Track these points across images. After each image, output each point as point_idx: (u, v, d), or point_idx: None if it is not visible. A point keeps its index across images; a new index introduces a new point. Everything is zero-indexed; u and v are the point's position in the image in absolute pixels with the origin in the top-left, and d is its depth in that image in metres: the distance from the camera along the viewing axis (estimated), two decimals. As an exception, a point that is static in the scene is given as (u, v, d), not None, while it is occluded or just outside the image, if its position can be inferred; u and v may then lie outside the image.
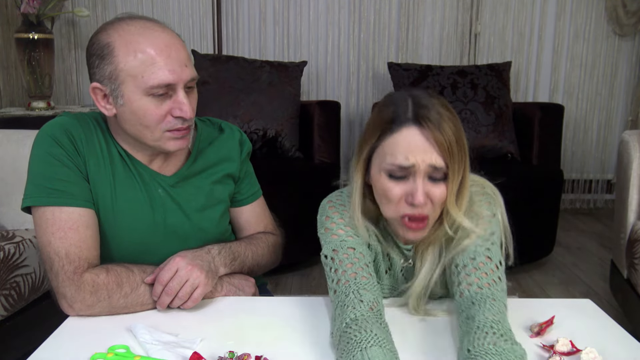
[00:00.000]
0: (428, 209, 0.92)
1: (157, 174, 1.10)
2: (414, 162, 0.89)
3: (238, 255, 1.13)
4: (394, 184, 0.92)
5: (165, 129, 1.02)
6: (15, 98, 3.19)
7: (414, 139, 0.89)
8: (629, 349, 0.89)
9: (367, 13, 3.44)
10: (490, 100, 2.92)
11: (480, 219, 0.98)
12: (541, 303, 1.05)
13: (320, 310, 1.03)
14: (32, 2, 2.66)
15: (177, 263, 0.99)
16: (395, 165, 0.90)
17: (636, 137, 2.03)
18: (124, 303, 0.99)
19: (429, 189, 0.91)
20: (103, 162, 1.06)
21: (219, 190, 1.17)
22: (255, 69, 2.90)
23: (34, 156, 1.03)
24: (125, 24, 1.00)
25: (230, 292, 1.09)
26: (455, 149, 0.90)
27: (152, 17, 1.04)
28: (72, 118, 1.06)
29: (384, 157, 0.92)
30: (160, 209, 1.10)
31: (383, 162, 0.92)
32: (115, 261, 1.05)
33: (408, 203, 0.91)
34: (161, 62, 0.98)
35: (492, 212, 1.01)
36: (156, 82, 0.98)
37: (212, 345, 0.88)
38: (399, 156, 0.90)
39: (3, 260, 1.57)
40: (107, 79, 0.99)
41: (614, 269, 2.18)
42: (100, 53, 0.99)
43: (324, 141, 2.81)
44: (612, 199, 3.70)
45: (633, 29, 3.50)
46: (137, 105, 1.00)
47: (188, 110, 1.02)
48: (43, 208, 1.00)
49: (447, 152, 0.89)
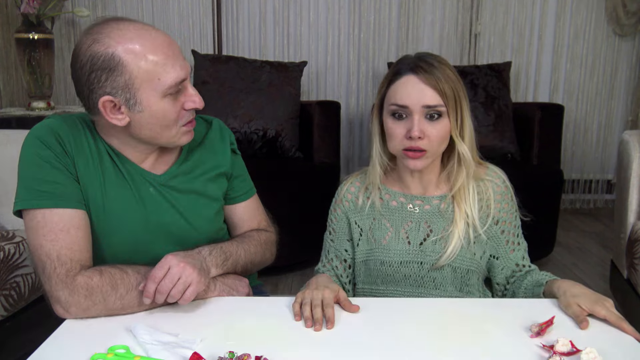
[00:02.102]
0: (424, 144, 1.09)
1: (148, 173, 1.10)
2: (409, 103, 1.08)
3: (230, 255, 1.13)
4: (396, 124, 1.11)
5: (181, 124, 1.05)
6: (15, 98, 3.19)
7: (411, 83, 1.09)
8: (629, 349, 0.89)
9: (367, 13, 3.44)
10: (490, 100, 2.92)
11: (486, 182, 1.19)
12: (541, 303, 1.05)
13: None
14: (32, 2, 2.66)
15: (168, 261, 0.98)
16: (396, 105, 1.10)
17: (636, 137, 2.03)
18: (120, 305, 0.98)
19: (426, 127, 1.09)
20: (92, 162, 1.05)
21: (213, 189, 1.17)
22: (255, 69, 2.90)
23: (22, 160, 1.03)
24: (118, 29, 0.97)
25: (224, 292, 1.09)
26: (449, 91, 1.08)
27: (124, 17, 1.03)
28: (59, 120, 1.06)
29: (389, 100, 1.12)
30: (153, 208, 1.09)
31: (388, 105, 1.12)
32: (107, 261, 1.05)
33: (407, 138, 1.09)
34: (171, 60, 0.99)
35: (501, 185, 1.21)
36: (173, 80, 0.99)
37: (212, 345, 0.88)
38: (398, 98, 1.10)
39: (3, 260, 1.57)
40: (121, 89, 0.98)
41: (614, 269, 2.18)
42: (106, 66, 0.96)
43: (324, 141, 2.81)
44: (612, 199, 3.70)
45: (633, 29, 3.50)
46: (156, 108, 1.00)
47: (199, 100, 1.05)
48: (34, 211, 0.99)
49: (441, 93, 1.08)
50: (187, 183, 1.13)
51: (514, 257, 1.20)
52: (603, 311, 0.96)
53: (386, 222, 1.20)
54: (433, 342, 0.90)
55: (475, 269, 1.17)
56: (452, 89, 1.09)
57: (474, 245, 1.16)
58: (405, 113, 1.09)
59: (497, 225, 1.18)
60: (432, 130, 1.09)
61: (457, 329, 0.95)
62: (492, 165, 1.23)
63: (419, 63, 1.09)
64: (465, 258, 1.15)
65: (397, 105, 1.09)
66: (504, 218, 1.19)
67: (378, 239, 1.19)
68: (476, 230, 1.16)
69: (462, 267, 1.16)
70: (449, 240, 1.14)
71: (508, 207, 1.19)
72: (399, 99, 1.09)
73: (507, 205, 1.19)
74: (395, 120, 1.11)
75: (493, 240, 1.19)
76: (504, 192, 1.20)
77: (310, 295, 1.01)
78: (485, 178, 1.19)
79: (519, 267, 1.20)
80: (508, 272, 1.20)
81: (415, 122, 1.08)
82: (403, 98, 1.09)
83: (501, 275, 1.20)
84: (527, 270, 1.20)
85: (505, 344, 0.90)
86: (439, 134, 1.10)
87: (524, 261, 1.21)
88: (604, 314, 0.95)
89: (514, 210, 1.21)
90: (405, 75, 1.10)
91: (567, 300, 1.00)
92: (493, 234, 1.18)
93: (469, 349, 0.88)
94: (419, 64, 1.09)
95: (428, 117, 1.09)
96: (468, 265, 1.16)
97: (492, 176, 1.20)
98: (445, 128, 1.10)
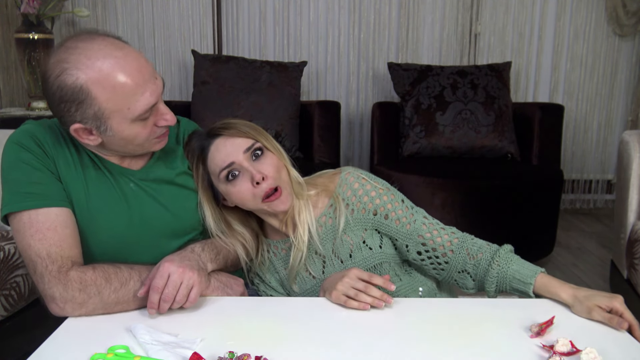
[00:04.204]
0: (270, 181, 1.08)
1: (126, 170, 1.11)
2: (233, 159, 1.07)
3: (220, 250, 1.14)
4: (235, 185, 1.08)
5: (153, 137, 1.06)
6: (15, 98, 3.19)
7: (220, 146, 1.09)
8: (629, 349, 0.89)
9: (367, 13, 3.43)
10: (490, 100, 2.92)
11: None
12: (541, 303, 1.05)
13: (320, 310, 1.03)
14: (32, 2, 2.66)
15: (167, 268, 0.98)
16: (221, 169, 1.08)
17: (636, 137, 2.04)
18: (115, 298, 0.98)
19: (258, 166, 1.08)
20: (72, 162, 1.06)
21: (189, 181, 1.18)
22: (255, 69, 2.90)
23: (4, 166, 1.03)
24: (86, 57, 0.94)
25: (218, 289, 1.09)
26: (251, 130, 1.10)
27: (100, 31, 1.01)
28: (36, 124, 1.07)
29: (215, 173, 1.10)
30: (135, 202, 1.10)
31: (216, 178, 1.10)
32: (96, 260, 1.05)
33: (255, 186, 1.07)
34: (140, 88, 0.98)
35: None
36: (142, 109, 0.99)
37: (212, 345, 0.88)
38: (219, 163, 1.08)
39: (3, 260, 1.57)
40: (91, 119, 0.98)
41: (614, 269, 2.18)
42: (75, 99, 0.95)
43: (324, 141, 2.81)
44: (612, 199, 3.70)
45: (633, 29, 3.50)
46: (126, 133, 1.01)
47: (171, 117, 1.06)
48: (20, 214, 0.99)
49: (248, 134, 1.09)
50: (165, 175, 1.15)
51: (413, 231, 1.16)
52: (621, 307, 0.96)
53: (283, 270, 1.21)
54: (433, 342, 0.90)
55: (385, 260, 1.18)
56: (250, 127, 1.12)
57: (364, 244, 1.17)
58: (235, 169, 1.08)
59: (378, 215, 1.16)
60: (263, 165, 1.09)
61: (457, 329, 0.95)
62: (343, 169, 1.21)
63: (212, 131, 1.12)
64: (366, 256, 1.16)
65: (223, 168, 1.08)
66: (378, 205, 1.16)
67: (288, 287, 1.21)
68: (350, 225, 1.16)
69: (370, 264, 1.17)
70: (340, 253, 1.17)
71: (375, 195, 1.16)
72: (222, 162, 1.08)
73: (373, 194, 1.17)
74: (232, 182, 1.09)
75: (384, 228, 1.17)
76: (357, 188, 1.17)
77: (348, 285, 1.03)
78: (335, 189, 1.18)
79: (432, 241, 1.15)
80: (418, 247, 1.16)
81: (251, 169, 1.07)
82: (224, 159, 1.08)
83: (413, 253, 1.17)
84: (461, 241, 1.15)
85: (505, 344, 0.90)
86: (272, 166, 1.10)
87: (432, 234, 1.15)
88: (622, 309, 0.96)
89: (384, 192, 1.17)
90: (212, 142, 1.11)
91: (583, 306, 0.99)
92: (381, 223, 1.17)
93: (469, 349, 0.88)
94: (212, 131, 1.12)
95: (254, 158, 1.09)
96: (375, 261, 1.17)
97: (340, 182, 1.18)
98: (273, 160, 1.11)
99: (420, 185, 2.57)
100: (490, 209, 2.60)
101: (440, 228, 1.17)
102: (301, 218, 1.14)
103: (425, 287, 1.21)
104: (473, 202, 2.57)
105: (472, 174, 2.68)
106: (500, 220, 2.62)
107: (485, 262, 1.12)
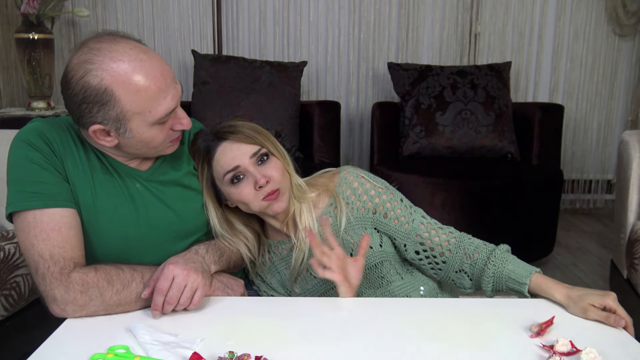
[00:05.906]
0: (273, 184, 1.10)
1: (134, 170, 1.11)
2: (238, 163, 1.09)
3: (224, 251, 1.14)
4: (238, 187, 1.10)
5: (168, 141, 1.07)
6: (15, 98, 3.19)
7: (227, 150, 1.11)
8: (629, 349, 0.89)
9: (367, 13, 3.43)
10: (490, 100, 2.92)
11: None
12: (541, 303, 1.05)
13: (320, 310, 1.03)
14: (32, 2, 2.66)
15: (171, 271, 0.98)
16: (226, 172, 1.10)
17: (636, 137, 2.04)
18: (117, 300, 0.98)
19: (263, 171, 1.10)
20: (80, 161, 1.06)
21: (195, 181, 1.18)
22: (255, 69, 2.90)
23: (11, 163, 1.03)
24: (111, 59, 0.95)
25: (219, 289, 1.09)
26: (258, 135, 1.12)
27: (121, 33, 1.00)
28: (45, 122, 1.07)
29: (219, 175, 1.12)
30: (141, 203, 1.10)
31: (220, 180, 1.12)
32: (99, 260, 1.05)
33: (257, 189, 1.10)
34: (163, 92, 0.99)
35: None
36: (163, 112, 1.00)
37: (212, 345, 0.88)
38: (224, 166, 1.10)
39: (3, 260, 1.57)
40: (113, 120, 0.98)
41: (614, 269, 2.18)
42: (98, 100, 0.96)
43: (324, 141, 2.81)
44: (612, 199, 3.70)
45: (633, 29, 3.50)
46: (145, 135, 1.02)
47: (187, 122, 1.06)
48: (24, 213, 0.99)
49: (255, 139, 1.11)
50: (171, 176, 1.15)
51: (412, 230, 1.17)
52: (614, 304, 0.96)
53: (284, 270, 1.22)
54: (433, 342, 0.90)
55: (385, 258, 1.18)
56: (258, 132, 1.13)
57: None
58: (240, 173, 1.10)
59: (377, 214, 1.18)
60: (267, 170, 1.11)
61: (457, 329, 0.95)
62: (343, 169, 1.23)
63: (218, 133, 1.13)
64: (367, 255, 1.16)
65: (228, 171, 1.10)
66: (377, 204, 1.18)
67: (289, 288, 1.22)
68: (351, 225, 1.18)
69: (371, 263, 1.17)
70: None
71: (374, 194, 1.18)
72: (227, 165, 1.10)
73: (372, 193, 1.18)
74: (236, 184, 1.11)
75: (383, 227, 1.18)
76: (357, 187, 1.19)
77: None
78: (335, 189, 1.20)
79: (430, 240, 1.17)
80: (416, 246, 1.18)
81: (255, 173, 1.09)
82: (230, 163, 1.10)
83: (411, 253, 1.18)
84: (458, 240, 1.16)
85: (505, 344, 0.90)
86: (276, 171, 1.12)
87: (430, 234, 1.17)
88: (614, 306, 0.96)
89: (383, 191, 1.19)
90: (218, 145, 1.12)
91: (578, 306, 0.99)
92: (380, 222, 1.18)
93: (468, 349, 0.88)
94: (218, 134, 1.13)
95: (259, 163, 1.11)
96: (376, 260, 1.17)
97: (340, 181, 1.20)
98: (278, 164, 1.14)
99: (420, 185, 2.57)
100: (490, 209, 2.60)
101: (438, 228, 1.18)
102: (302, 219, 1.15)
103: (426, 287, 1.21)
104: (473, 202, 2.57)
105: (472, 174, 2.68)
106: (500, 220, 2.62)
107: (482, 262, 1.12)
